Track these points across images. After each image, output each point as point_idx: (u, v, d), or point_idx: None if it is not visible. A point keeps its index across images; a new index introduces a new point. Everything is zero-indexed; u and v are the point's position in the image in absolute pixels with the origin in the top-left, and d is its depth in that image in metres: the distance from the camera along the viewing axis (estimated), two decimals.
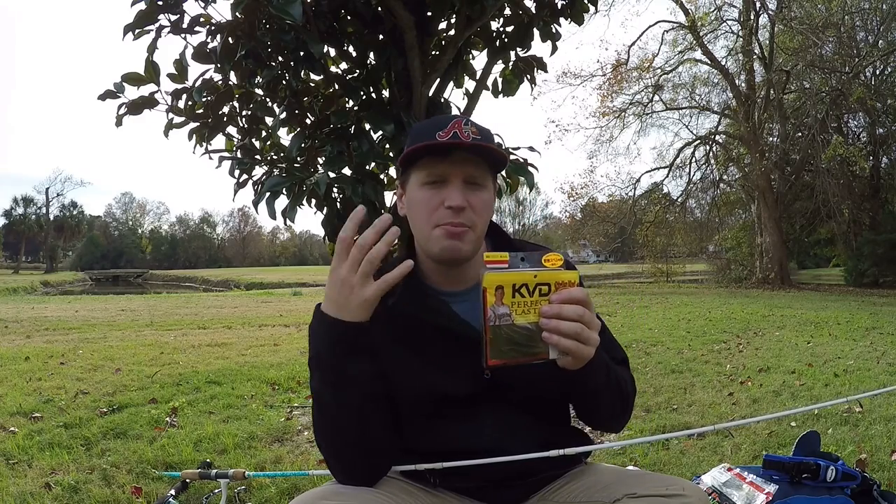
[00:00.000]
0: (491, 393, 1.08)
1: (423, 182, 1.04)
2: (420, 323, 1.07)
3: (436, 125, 1.04)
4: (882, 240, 17.79)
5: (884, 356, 5.25)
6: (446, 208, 1.01)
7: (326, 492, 0.99)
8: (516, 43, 2.73)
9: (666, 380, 4.41)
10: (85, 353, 5.68)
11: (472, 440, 1.09)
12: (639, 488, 1.03)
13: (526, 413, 1.12)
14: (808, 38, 16.68)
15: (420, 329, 1.08)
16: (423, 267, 1.11)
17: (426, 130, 1.04)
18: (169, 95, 2.42)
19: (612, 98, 20.43)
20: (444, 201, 1.01)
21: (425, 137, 1.03)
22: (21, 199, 58.22)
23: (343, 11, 2.49)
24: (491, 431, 1.10)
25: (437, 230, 1.03)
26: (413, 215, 1.07)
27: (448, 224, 1.02)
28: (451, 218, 1.01)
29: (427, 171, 1.03)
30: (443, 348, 1.07)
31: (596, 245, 29.65)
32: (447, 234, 1.02)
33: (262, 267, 64.32)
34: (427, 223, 1.04)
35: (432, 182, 1.03)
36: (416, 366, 1.07)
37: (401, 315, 1.07)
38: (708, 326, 7.73)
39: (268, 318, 9.87)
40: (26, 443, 2.86)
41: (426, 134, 1.03)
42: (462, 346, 1.05)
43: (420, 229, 1.06)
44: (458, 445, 1.09)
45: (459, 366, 1.06)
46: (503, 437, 1.10)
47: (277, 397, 3.97)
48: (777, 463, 1.87)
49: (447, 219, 1.02)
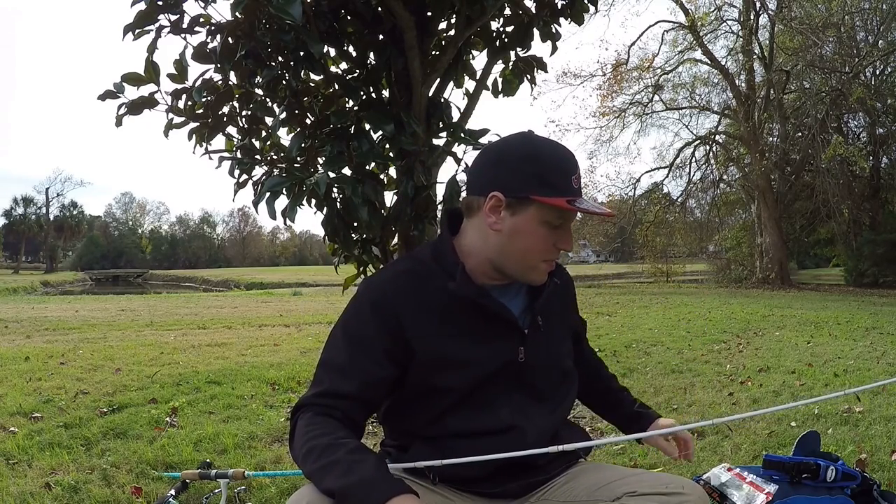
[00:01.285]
0: (518, 376, 1.16)
1: (547, 222, 1.09)
2: (468, 304, 1.12)
3: (570, 167, 1.10)
4: (882, 240, 17.79)
5: (884, 356, 5.25)
6: (557, 249, 1.13)
7: None
8: (516, 43, 2.72)
9: (666, 380, 4.41)
10: (85, 353, 5.68)
11: (487, 421, 1.13)
12: (639, 487, 1.04)
13: (542, 402, 1.19)
14: (808, 38, 16.67)
15: (468, 313, 1.13)
16: (471, 262, 1.16)
17: (564, 171, 1.09)
18: (169, 95, 2.42)
19: (612, 98, 20.43)
20: (557, 243, 1.12)
21: (564, 179, 1.08)
22: (21, 199, 58.20)
23: (343, 11, 2.49)
24: (508, 414, 1.14)
25: (544, 265, 1.14)
26: (519, 244, 1.10)
27: (551, 261, 1.15)
28: (556, 257, 1.16)
29: (556, 215, 1.09)
30: (483, 329, 1.13)
31: (596, 245, 29.62)
32: (549, 268, 1.16)
33: (262, 267, 64.32)
34: (537, 257, 1.12)
35: (556, 226, 1.10)
36: (459, 342, 1.12)
37: (451, 298, 1.12)
38: (708, 326, 7.73)
39: (268, 318, 9.87)
40: (26, 443, 2.86)
41: (565, 176, 1.09)
42: (501, 328, 1.14)
43: (522, 258, 1.12)
44: (471, 425, 1.12)
45: (497, 346, 1.14)
46: (517, 421, 1.14)
47: (277, 397, 3.97)
48: (777, 463, 1.87)
49: (553, 256, 1.14)
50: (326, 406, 1.07)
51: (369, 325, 1.10)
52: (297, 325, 8.53)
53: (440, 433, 1.13)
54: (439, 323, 1.11)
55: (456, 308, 1.11)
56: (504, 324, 1.14)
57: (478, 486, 1.14)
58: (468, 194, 1.15)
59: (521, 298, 1.20)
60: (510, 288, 1.19)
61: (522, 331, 1.16)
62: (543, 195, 1.06)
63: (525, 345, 1.16)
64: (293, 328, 8.22)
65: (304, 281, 28.12)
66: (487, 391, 1.14)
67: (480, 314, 1.12)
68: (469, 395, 1.13)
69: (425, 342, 1.09)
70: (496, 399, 1.14)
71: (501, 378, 1.14)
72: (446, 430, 1.13)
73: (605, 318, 9.01)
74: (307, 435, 1.03)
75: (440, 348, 1.10)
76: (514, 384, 1.16)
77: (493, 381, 1.14)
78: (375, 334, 1.09)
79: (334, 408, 1.07)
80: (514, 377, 1.16)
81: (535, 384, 1.18)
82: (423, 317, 1.10)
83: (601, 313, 9.81)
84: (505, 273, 1.14)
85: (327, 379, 1.10)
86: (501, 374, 1.14)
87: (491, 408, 1.14)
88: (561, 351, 1.25)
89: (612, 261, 47.16)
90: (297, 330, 7.97)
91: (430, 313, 1.11)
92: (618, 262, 44.19)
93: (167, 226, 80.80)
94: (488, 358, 1.12)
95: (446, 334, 1.11)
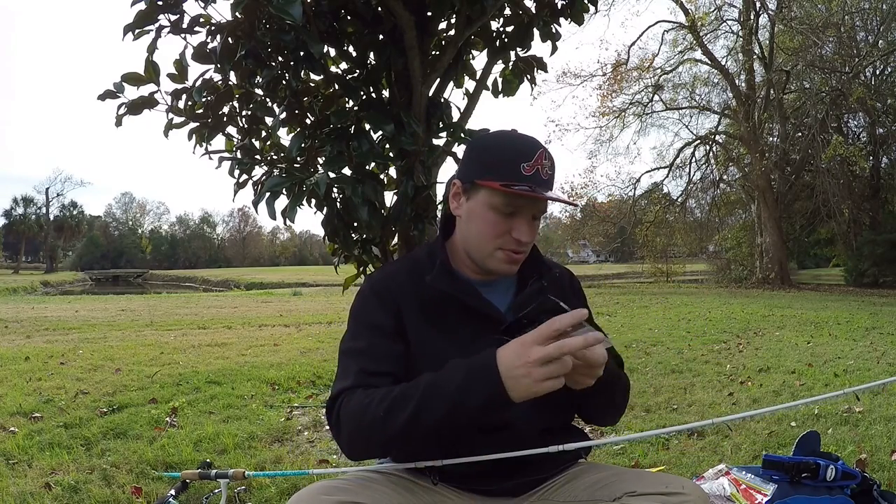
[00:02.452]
0: None
1: (496, 208, 1.09)
2: (452, 302, 1.13)
3: (523, 152, 1.08)
4: (882, 240, 17.79)
5: (884, 356, 5.25)
6: (514, 239, 1.10)
7: (328, 487, 1.00)
8: (516, 43, 2.72)
9: (666, 380, 4.41)
10: (85, 353, 5.68)
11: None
12: (639, 487, 1.04)
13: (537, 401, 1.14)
14: (808, 38, 16.68)
15: (451, 308, 1.14)
16: (457, 258, 1.18)
17: (514, 157, 1.08)
18: (169, 95, 2.42)
19: (612, 98, 20.44)
20: (512, 232, 1.09)
21: (512, 166, 1.07)
22: (21, 199, 58.21)
23: (343, 11, 2.49)
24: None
25: (499, 252, 1.11)
26: (474, 229, 1.12)
27: (511, 251, 1.11)
28: (514, 247, 1.11)
29: (505, 202, 1.08)
30: (470, 328, 1.13)
31: (596, 245, 29.65)
32: (508, 259, 1.12)
33: (262, 267, 64.29)
34: (490, 243, 1.11)
35: (506, 212, 1.09)
36: (443, 342, 1.12)
37: (434, 293, 1.13)
38: (708, 326, 7.73)
39: (268, 318, 9.87)
40: (26, 443, 2.86)
41: (514, 162, 1.07)
42: (488, 326, 1.12)
43: (478, 244, 1.12)
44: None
45: (485, 345, 1.09)
46: (512, 422, 1.12)
47: (277, 397, 3.97)
48: (777, 463, 1.87)
49: (510, 246, 1.10)
50: (366, 385, 1.06)
51: (377, 311, 1.14)
52: (297, 325, 8.53)
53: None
54: (427, 316, 1.14)
55: (441, 303, 1.14)
56: (485, 318, 1.14)
57: (477, 484, 1.14)
58: None
59: (510, 296, 1.21)
60: (498, 284, 1.20)
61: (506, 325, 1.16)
62: (485, 179, 1.09)
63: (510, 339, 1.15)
64: (293, 328, 8.22)
65: (304, 281, 28.11)
66: None
67: (461, 308, 1.14)
68: None
69: (416, 335, 1.13)
70: None
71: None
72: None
73: (605, 318, 9.01)
74: (372, 404, 1.00)
75: (426, 341, 1.13)
76: None
77: None
78: (384, 317, 1.14)
79: (373, 385, 1.06)
80: None
81: None
82: (416, 310, 1.14)
83: (601, 313, 9.81)
84: (474, 262, 1.16)
85: (354, 364, 1.10)
86: None
87: None
88: None
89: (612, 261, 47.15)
90: (297, 330, 7.98)
91: (421, 307, 1.14)
92: (618, 262, 44.18)
93: (167, 226, 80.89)
94: (470, 352, 1.11)
95: (432, 327, 1.13)
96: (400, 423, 0.97)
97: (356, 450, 1.07)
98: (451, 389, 0.96)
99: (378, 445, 1.05)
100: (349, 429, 1.04)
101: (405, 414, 0.97)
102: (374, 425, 0.99)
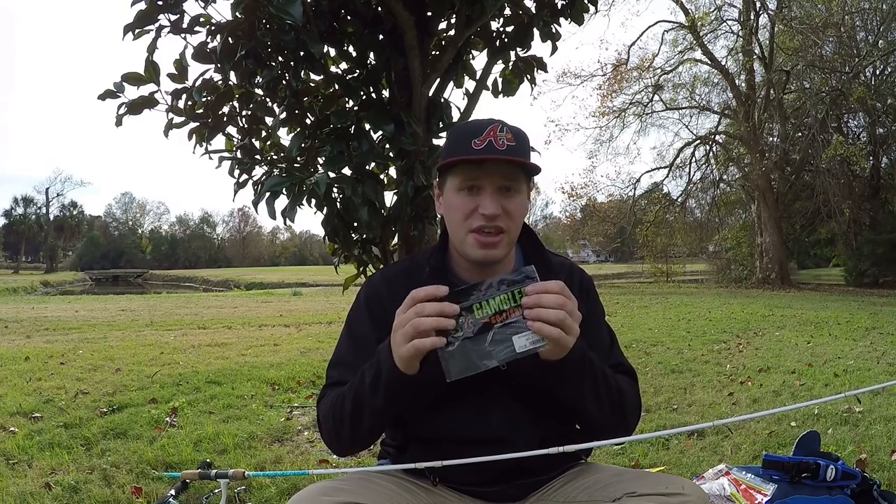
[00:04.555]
0: (503, 384, 1.11)
1: (459, 188, 1.10)
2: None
3: (472, 132, 1.09)
4: (882, 240, 17.79)
5: (884, 356, 5.25)
6: (480, 214, 1.08)
7: (327, 488, 1.00)
8: (516, 43, 2.73)
9: (666, 380, 4.41)
10: (85, 353, 5.68)
11: (478, 429, 1.12)
12: (638, 487, 1.04)
13: (532, 408, 1.15)
14: (808, 38, 16.68)
15: None
16: (453, 259, 1.19)
17: (463, 137, 1.10)
18: (169, 95, 2.42)
19: (611, 98, 20.44)
20: (479, 208, 1.08)
21: (462, 144, 1.09)
22: (21, 199, 58.31)
23: (343, 11, 2.49)
24: (497, 422, 1.12)
25: (470, 236, 1.10)
26: (449, 218, 1.14)
27: (480, 230, 1.09)
28: (482, 223, 1.08)
29: (462, 177, 1.10)
30: None
31: (596, 245, 29.66)
32: (480, 243, 1.10)
33: (262, 267, 64.28)
34: (461, 228, 1.11)
35: (468, 188, 1.09)
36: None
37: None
38: (708, 326, 7.73)
39: (268, 318, 9.87)
40: (26, 443, 2.86)
41: (463, 140, 1.09)
42: None
43: (455, 232, 1.13)
44: (465, 434, 1.11)
45: None
46: (508, 430, 1.12)
47: (277, 397, 3.97)
48: (777, 463, 1.87)
49: (479, 224, 1.08)
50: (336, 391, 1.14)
51: (366, 324, 1.16)
52: (297, 325, 8.53)
53: (434, 436, 1.13)
54: None
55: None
56: None
57: (477, 488, 1.14)
58: None
59: None
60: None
61: None
62: (442, 167, 1.12)
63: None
64: (293, 328, 8.22)
65: (304, 281, 28.10)
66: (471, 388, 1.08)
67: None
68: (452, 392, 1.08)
69: None
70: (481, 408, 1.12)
71: (481, 387, 1.08)
72: (438, 433, 1.13)
73: (605, 319, 9.00)
74: (333, 406, 1.11)
75: None
76: (499, 393, 1.12)
77: (473, 391, 1.08)
78: (370, 331, 1.15)
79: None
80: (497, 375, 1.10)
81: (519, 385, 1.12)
82: None
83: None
84: (464, 258, 1.16)
85: (336, 374, 1.17)
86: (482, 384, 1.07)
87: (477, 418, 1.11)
88: None
89: (612, 261, 47.17)
90: (297, 330, 7.97)
91: None
92: (618, 262, 44.20)
93: (167, 226, 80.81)
94: None
95: None
96: (349, 420, 1.08)
97: (336, 448, 1.17)
98: (367, 374, 1.05)
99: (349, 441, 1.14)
100: (326, 433, 1.15)
101: (348, 409, 1.07)
102: (337, 428, 1.11)
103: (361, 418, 1.07)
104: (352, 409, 1.07)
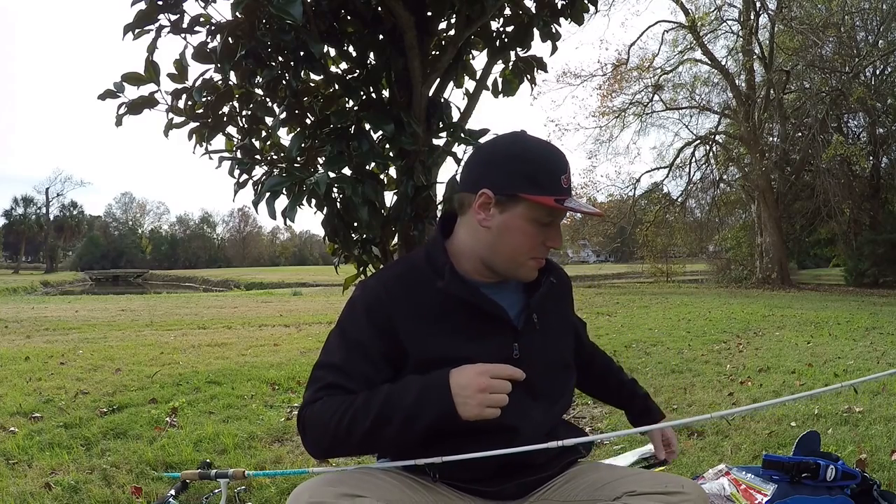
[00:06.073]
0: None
1: (536, 219, 1.11)
2: (461, 306, 1.13)
3: (560, 166, 1.12)
4: (882, 240, 17.78)
5: (884, 356, 5.25)
6: (546, 247, 1.15)
7: (330, 479, 1.01)
8: (516, 43, 2.72)
9: (666, 380, 4.41)
10: (85, 353, 5.68)
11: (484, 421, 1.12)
12: (639, 486, 1.04)
13: (541, 398, 1.18)
14: (808, 38, 16.66)
15: (459, 312, 1.14)
16: (461, 261, 1.18)
17: (553, 171, 1.11)
18: (169, 95, 2.42)
19: (611, 98, 20.42)
20: (546, 241, 1.14)
21: (552, 180, 1.11)
22: (21, 199, 58.26)
23: (343, 11, 2.49)
24: (507, 411, 1.11)
25: (532, 262, 1.15)
26: (508, 241, 1.13)
27: (540, 258, 1.16)
28: (545, 254, 1.17)
29: (546, 213, 1.11)
30: (477, 327, 1.14)
31: (596, 245, 29.64)
32: (538, 266, 1.17)
33: (262, 267, 64.27)
34: (525, 254, 1.14)
35: (545, 224, 1.12)
36: (453, 340, 1.13)
37: (442, 298, 1.14)
38: (708, 326, 7.73)
39: (268, 318, 9.87)
40: (26, 443, 2.86)
41: (553, 177, 1.11)
42: (494, 325, 1.15)
43: (512, 255, 1.14)
44: (473, 423, 1.10)
45: (491, 343, 1.14)
46: (516, 420, 1.13)
47: (277, 397, 3.97)
48: (777, 463, 1.87)
49: (542, 254, 1.16)
50: (331, 395, 1.10)
51: (364, 330, 1.13)
52: (297, 325, 8.53)
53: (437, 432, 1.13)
54: (432, 323, 1.12)
55: (447, 307, 1.13)
56: (496, 321, 1.15)
57: (477, 485, 1.14)
58: (461, 191, 1.18)
59: (518, 296, 1.21)
60: (505, 286, 1.20)
61: (516, 328, 1.17)
62: (532, 193, 1.09)
63: (519, 342, 1.16)
64: (293, 328, 8.22)
65: (304, 281, 28.10)
66: None
67: (472, 312, 1.14)
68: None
69: (418, 342, 1.11)
70: None
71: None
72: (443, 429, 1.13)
73: (605, 318, 9.01)
74: (336, 415, 1.06)
75: (433, 348, 1.11)
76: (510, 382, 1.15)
77: None
78: (370, 338, 1.12)
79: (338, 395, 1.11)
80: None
81: (531, 381, 1.15)
82: (416, 317, 1.12)
83: (601, 313, 9.82)
84: (495, 271, 1.16)
85: (328, 377, 1.12)
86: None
87: None
88: (558, 348, 1.25)
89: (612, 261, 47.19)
90: (297, 330, 7.97)
91: (423, 314, 1.13)
92: (618, 262, 44.20)
93: (167, 226, 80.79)
94: (481, 355, 1.11)
95: (439, 334, 1.12)
96: (359, 436, 1.05)
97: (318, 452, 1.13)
98: (406, 404, 1.03)
99: (342, 451, 1.14)
100: (313, 436, 1.10)
101: (364, 426, 1.04)
102: (336, 436, 1.06)
103: (376, 438, 1.06)
104: (370, 427, 1.04)
